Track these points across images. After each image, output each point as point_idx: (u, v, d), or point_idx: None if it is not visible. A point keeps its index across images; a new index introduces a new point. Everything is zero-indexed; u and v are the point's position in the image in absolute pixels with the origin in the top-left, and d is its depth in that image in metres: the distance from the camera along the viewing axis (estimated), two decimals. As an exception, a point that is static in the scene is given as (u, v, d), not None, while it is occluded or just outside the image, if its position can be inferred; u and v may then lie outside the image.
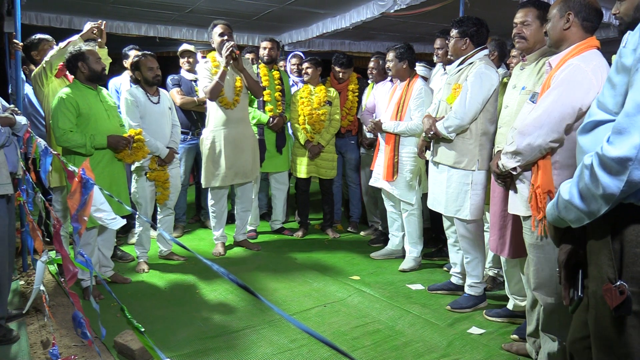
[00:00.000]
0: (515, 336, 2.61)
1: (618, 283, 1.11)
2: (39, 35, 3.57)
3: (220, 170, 3.90)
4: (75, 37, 3.31)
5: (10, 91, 4.03)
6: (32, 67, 4.10)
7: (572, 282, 1.34)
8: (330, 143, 4.42)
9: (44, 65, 3.28)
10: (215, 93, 3.75)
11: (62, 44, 3.27)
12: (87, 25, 3.41)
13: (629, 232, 1.11)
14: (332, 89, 4.44)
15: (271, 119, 4.29)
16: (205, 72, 3.83)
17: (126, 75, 4.26)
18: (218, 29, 3.82)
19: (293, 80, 5.00)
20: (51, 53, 3.27)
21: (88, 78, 3.14)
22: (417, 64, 3.82)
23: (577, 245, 1.31)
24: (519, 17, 2.39)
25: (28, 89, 4.19)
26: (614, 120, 1.11)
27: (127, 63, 4.21)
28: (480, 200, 2.90)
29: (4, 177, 2.57)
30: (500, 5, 4.25)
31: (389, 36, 6.63)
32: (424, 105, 3.49)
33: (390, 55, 3.66)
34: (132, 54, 4.18)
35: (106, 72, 3.26)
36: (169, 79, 4.39)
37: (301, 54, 5.13)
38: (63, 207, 3.41)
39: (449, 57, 3.30)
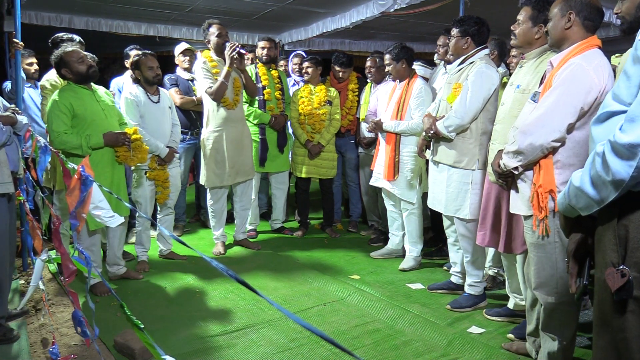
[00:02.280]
0: (511, 335, 2.60)
1: (620, 267, 1.13)
2: (78, 38, 3.67)
3: (223, 170, 3.90)
4: None
5: (8, 89, 4.02)
6: (33, 62, 4.13)
7: (579, 271, 1.35)
8: (330, 143, 4.42)
9: None
10: (221, 93, 3.75)
11: None
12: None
13: (636, 217, 1.13)
14: (332, 89, 4.44)
15: (273, 118, 4.29)
16: (205, 72, 3.81)
17: (128, 74, 4.26)
18: (214, 29, 3.82)
19: (295, 80, 5.00)
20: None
21: (76, 81, 3.08)
22: (414, 63, 3.82)
23: (586, 235, 1.32)
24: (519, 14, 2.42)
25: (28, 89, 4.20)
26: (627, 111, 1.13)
27: (128, 63, 4.21)
28: (480, 199, 2.90)
29: (5, 176, 2.57)
30: (500, 5, 4.25)
31: (389, 35, 6.63)
32: (424, 104, 3.49)
33: (387, 58, 3.66)
34: (133, 53, 4.17)
35: (96, 69, 3.15)
36: (166, 79, 4.38)
37: (303, 54, 5.12)
38: (63, 205, 3.40)
39: (448, 56, 3.30)
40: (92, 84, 3.18)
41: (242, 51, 3.76)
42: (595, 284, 1.26)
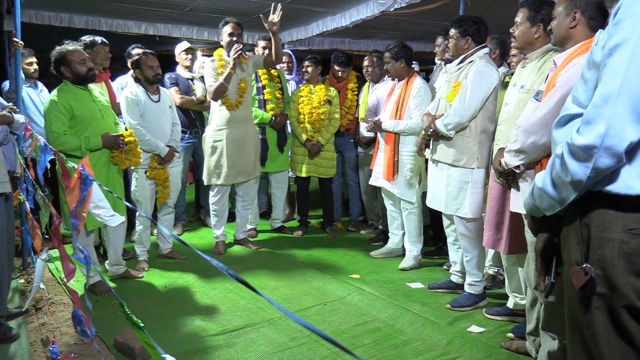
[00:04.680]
0: (511, 334, 2.60)
1: (584, 265, 1.17)
2: (100, 39, 3.87)
3: (222, 169, 3.91)
4: None
5: (7, 89, 4.03)
6: (33, 62, 4.16)
7: (547, 269, 1.40)
8: (329, 142, 4.42)
9: None
10: (219, 94, 3.75)
11: None
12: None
13: (596, 216, 1.17)
14: (331, 88, 4.44)
15: (273, 118, 4.28)
16: (210, 70, 3.83)
17: (130, 73, 4.26)
18: (228, 28, 3.81)
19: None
20: None
21: (73, 81, 3.06)
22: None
23: (553, 233, 1.37)
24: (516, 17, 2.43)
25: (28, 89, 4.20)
26: None
27: (130, 62, 4.21)
28: (480, 198, 2.90)
29: (2, 176, 2.56)
30: (500, 4, 4.24)
31: (389, 35, 6.63)
32: (423, 103, 3.49)
33: (387, 56, 3.66)
34: (136, 52, 4.18)
35: (94, 72, 3.16)
36: (166, 77, 4.37)
37: (290, 52, 5.10)
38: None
39: (447, 56, 3.30)
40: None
41: (244, 54, 3.77)
42: (564, 283, 1.29)
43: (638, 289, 1.12)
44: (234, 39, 3.78)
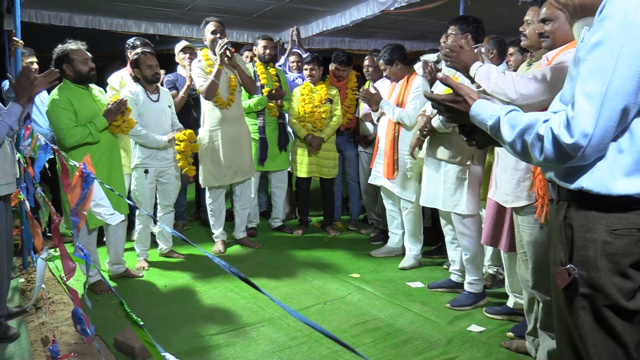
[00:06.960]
0: (511, 334, 2.61)
1: (568, 266, 1.18)
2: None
3: (220, 169, 3.90)
4: None
5: (7, 88, 4.02)
6: (33, 62, 4.13)
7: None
8: (331, 142, 4.42)
9: None
10: (211, 92, 3.75)
11: None
12: None
13: (579, 217, 1.18)
14: (332, 87, 4.44)
15: (271, 91, 4.20)
16: (199, 70, 3.82)
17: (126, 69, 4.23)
18: (210, 27, 3.80)
19: (292, 77, 5.00)
20: None
21: (74, 80, 3.07)
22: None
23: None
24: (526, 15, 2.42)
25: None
26: None
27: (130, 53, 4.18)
28: (476, 194, 2.93)
29: (10, 176, 2.56)
30: (499, 4, 4.25)
31: (389, 34, 6.63)
32: (419, 98, 3.48)
33: (381, 64, 3.66)
34: (136, 50, 4.13)
35: (95, 72, 3.16)
36: (165, 80, 4.36)
37: (299, 52, 5.11)
38: None
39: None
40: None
41: (230, 47, 3.71)
42: (551, 282, 1.30)
43: (623, 288, 1.13)
44: (218, 35, 3.76)
